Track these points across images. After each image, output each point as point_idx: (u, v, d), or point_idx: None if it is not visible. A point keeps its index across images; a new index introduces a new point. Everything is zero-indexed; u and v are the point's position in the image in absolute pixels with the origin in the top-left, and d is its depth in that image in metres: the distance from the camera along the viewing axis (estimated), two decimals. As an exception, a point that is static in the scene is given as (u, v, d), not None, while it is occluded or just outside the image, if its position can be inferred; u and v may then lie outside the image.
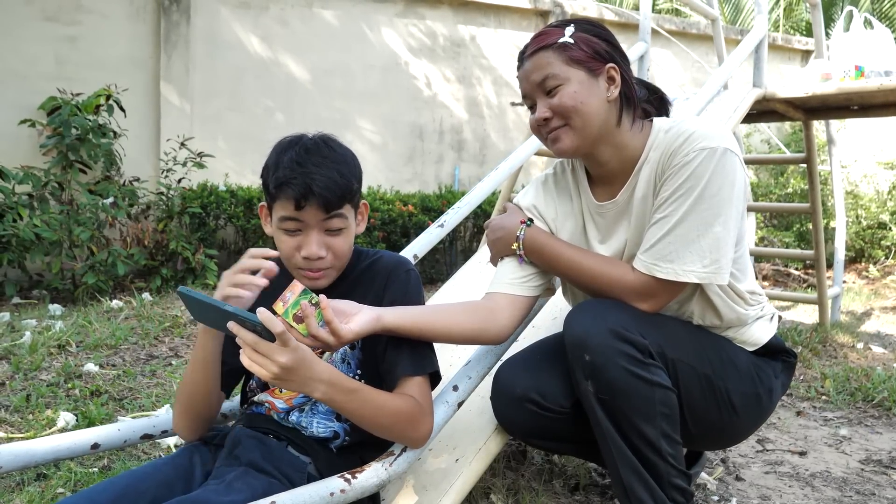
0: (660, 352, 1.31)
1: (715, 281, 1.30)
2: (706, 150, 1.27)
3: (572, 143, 1.34)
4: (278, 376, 1.07)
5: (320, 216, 1.23)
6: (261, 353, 1.06)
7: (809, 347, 3.52)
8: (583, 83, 1.31)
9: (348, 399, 1.16)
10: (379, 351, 1.31)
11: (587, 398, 1.32)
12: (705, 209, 1.27)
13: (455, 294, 2.32)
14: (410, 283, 1.35)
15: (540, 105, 1.35)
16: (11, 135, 4.47)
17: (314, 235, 1.24)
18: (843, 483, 1.97)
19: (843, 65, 3.35)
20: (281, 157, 1.24)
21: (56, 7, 4.69)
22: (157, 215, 4.64)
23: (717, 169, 1.26)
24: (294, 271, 1.29)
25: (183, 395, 1.29)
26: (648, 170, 1.36)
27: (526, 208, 1.53)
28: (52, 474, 1.77)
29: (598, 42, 1.34)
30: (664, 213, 1.30)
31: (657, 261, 1.30)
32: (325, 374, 1.13)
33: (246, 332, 1.06)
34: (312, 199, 1.20)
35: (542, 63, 1.33)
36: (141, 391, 2.41)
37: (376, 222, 4.89)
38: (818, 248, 3.94)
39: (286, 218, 1.23)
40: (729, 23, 9.36)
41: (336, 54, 5.59)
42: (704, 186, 1.26)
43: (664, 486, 1.32)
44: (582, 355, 1.28)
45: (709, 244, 1.27)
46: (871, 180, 6.73)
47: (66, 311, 3.53)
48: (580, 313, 1.33)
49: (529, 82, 1.36)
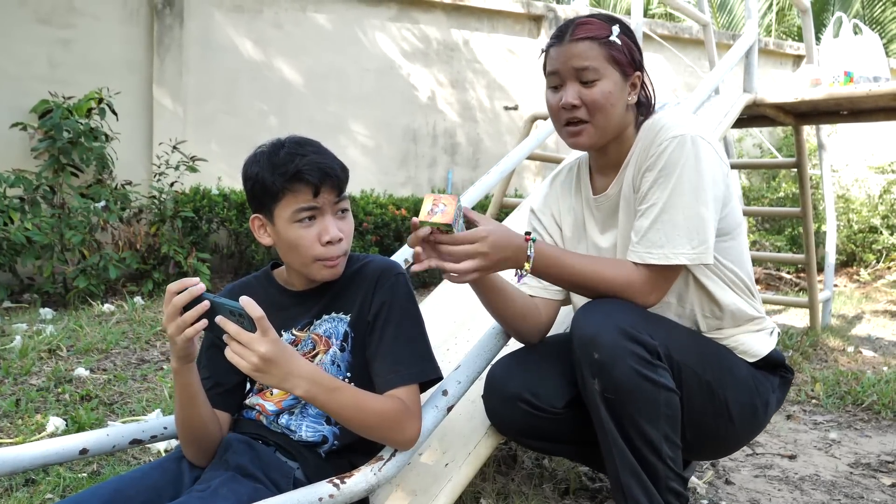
0: (666, 354, 1.32)
1: (703, 261, 1.34)
2: (677, 137, 1.33)
3: (590, 140, 1.41)
4: (258, 367, 1.07)
5: (333, 198, 1.27)
6: (242, 342, 1.06)
7: (800, 351, 3.54)
8: (616, 84, 1.38)
9: (331, 397, 1.16)
10: (369, 354, 1.31)
11: (592, 397, 1.32)
12: (685, 192, 1.31)
13: (448, 297, 2.33)
14: (400, 287, 1.35)
15: (570, 89, 1.38)
16: (3, 138, 4.45)
17: (331, 219, 1.27)
18: (832, 487, 1.98)
19: (833, 70, 3.37)
20: (274, 158, 1.25)
21: (49, 9, 4.68)
22: (150, 219, 4.62)
23: (689, 154, 1.31)
24: (309, 266, 1.28)
25: (183, 431, 1.27)
26: (632, 164, 1.42)
27: (538, 210, 1.61)
28: (42, 479, 1.77)
29: (636, 50, 1.42)
30: (649, 202, 1.35)
31: (649, 248, 1.33)
32: (307, 370, 1.13)
33: (231, 323, 1.07)
34: (328, 182, 1.24)
35: (587, 53, 1.36)
36: (132, 396, 2.40)
37: (369, 226, 4.89)
38: (809, 252, 3.96)
39: (303, 208, 1.25)
40: (722, 28, 9.41)
41: (330, 58, 5.59)
42: (680, 172, 1.31)
43: (661, 490, 1.32)
44: (591, 353, 1.29)
45: (694, 225, 1.32)
46: (862, 184, 6.77)
47: (58, 315, 3.52)
48: (589, 312, 1.34)
49: (567, 65, 1.38)
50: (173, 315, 1.10)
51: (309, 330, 1.35)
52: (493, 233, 1.24)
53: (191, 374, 1.20)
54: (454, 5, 5.96)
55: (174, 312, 1.10)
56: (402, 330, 1.31)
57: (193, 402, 1.23)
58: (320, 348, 1.33)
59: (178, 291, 1.10)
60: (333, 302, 1.35)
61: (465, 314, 2.18)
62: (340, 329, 1.33)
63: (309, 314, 1.36)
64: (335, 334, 1.33)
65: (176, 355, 1.15)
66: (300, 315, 1.36)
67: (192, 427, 1.25)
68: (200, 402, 1.24)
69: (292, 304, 1.37)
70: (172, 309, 1.10)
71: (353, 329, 1.33)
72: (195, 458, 1.29)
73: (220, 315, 1.08)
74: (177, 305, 1.09)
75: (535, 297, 1.51)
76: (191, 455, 1.29)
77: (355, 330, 1.33)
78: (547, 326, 1.53)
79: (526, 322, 1.47)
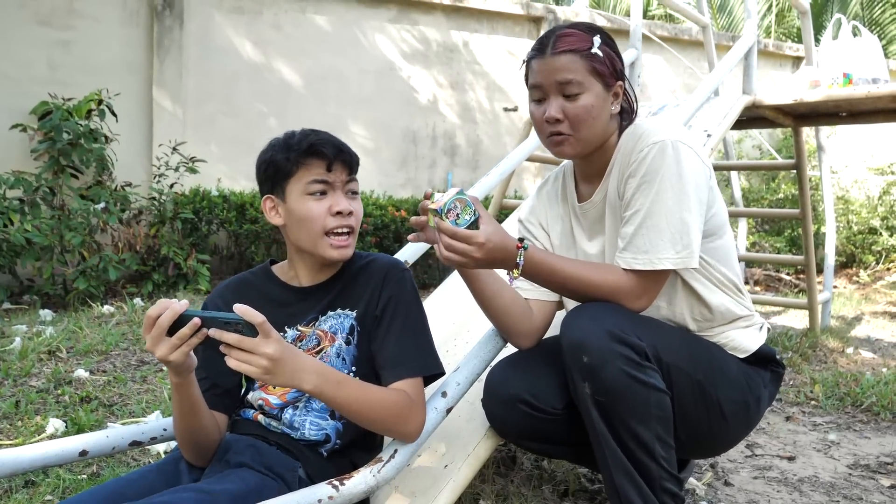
0: (655, 355, 1.33)
1: (688, 265, 1.35)
2: (657, 143, 1.34)
3: (573, 150, 1.43)
4: (268, 369, 1.06)
5: (344, 177, 1.32)
6: (246, 349, 1.05)
7: (799, 352, 3.54)
8: (598, 96, 1.39)
9: (338, 390, 1.16)
10: (374, 347, 1.32)
11: (583, 400, 1.33)
12: (668, 198, 1.32)
13: (447, 299, 2.33)
14: (407, 283, 1.37)
15: (553, 102, 1.39)
16: (3, 139, 4.45)
17: (341, 195, 1.32)
18: (831, 488, 1.98)
19: (832, 72, 3.38)
20: (290, 141, 1.31)
21: (49, 11, 4.68)
22: (150, 220, 4.63)
23: (670, 160, 1.32)
24: (319, 243, 1.31)
25: (182, 438, 1.26)
26: (615, 171, 1.44)
27: (525, 220, 1.62)
28: (41, 481, 1.77)
29: (617, 60, 1.43)
30: (633, 209, 1.36)
31: (635, 254, 1.35)
32: (313, 365, 1.14)
33: (228, 333, 1.05)
34: (340, 157, 1.30)
35: (569, 66, 1.37)
36: (131, 397, 2.41)
37: (369, 227, 4.89)
38: (808, 254, 3.97)
39: (316, 181, 1.29)
40: (722, 29, 9.42)
41: (329, 59, 5.60)
42: (662, 178, 1.32)
43: (656, 490, 1.32)
44: (580, 357, 1.30)
45: (678, 230, 1.33)
46: (861, 186, 6.78)
47: (57, 317, 3.52)
48: (578, 316, 1.35)
49: (550, 78, 1.38)
50: (158, 337, 1.06)
51: (314, 326, 1.36)
52: (490, 241, 1.27)
53: (192, 385, 1.19)
54: (454, 7, 5.97)
55: (160, 334, 1.06)
56: (408, 325, 1.33)
57: (195, 410, 1.22)
58: (325, 343, 1.34)
59: (158, 315, 1.06)
60: (339, 298, 1.37)
61: (464, 316, 2.18)
62: (346, 324, 1.35)
63: (314, 310, 1.37)
64: (341, 329, 1.34)
65: (174, 371, 1.14)
66: (305, 311, 1.37)
67: (192, 434, 1.25)
68: (201, 411, 1.24)
69: (296, 300, 1.38)
70: (158, 331, 1.06)
71: (359, 324, 1.35)
72: (194, 460, 1.30)
73: (213, 328, 1.06)
74: (162, 326, 1.06)
75: (530, 300, 1.52)
76: (191, 456, 1.30)
77: (362, 324, 1.35)
78: (540, 330, 1.54)
79: (514, 320, 1.48)
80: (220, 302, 1.40)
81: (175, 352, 1.07)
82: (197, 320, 1.07)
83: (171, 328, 1.07)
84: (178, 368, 1.13)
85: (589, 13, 6.68)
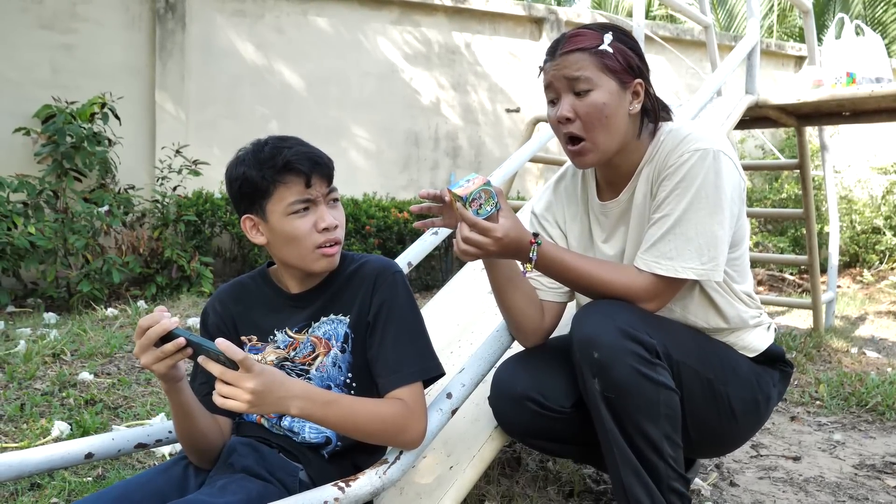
0: (666, 353, 1.32)
1: (712, 278, 1.33)
2: (699, 150, 1.31)
3: (594, 159, 1.39)
4: (251, 402, 1.05)
5: (324, 189, 1.28)
6: (228, 382, 1.05)
7: (804, 352, 3.53)
8: (612, 94, 1.34)
9: (326, 411, 1.15)
10: (370, 355, 1.31)
11: (593, 397, 1.32)
12: (701, 208, 1.30)
13: (451, 301, 2.33)
14: (398, 286, 1.33)
15: (564, 102, 1.36)
16: (6, 143, 4.47)
17: (325, 208, 1.28)
18: (837, 488, 1.98)
19: (835, 71, 3.37)
20: (260, 155, 1.26)
21: (51, 15, 4.70)
22: (153, 223, 4.63)
23: (710, 169, 1.30)
24: (307, 257, 1.28)
25: (184, 442, 1.27)
26: (648, 171, 1.40)
27: (540, 216, 1.59)
28: (47, 484, 1.77)
29: (632, 56, 1.37)
30: (663, 212, 1.34)
31: (658, 258, 1.33)
32: (298, 389, 1.13)
33: (213, 364, 1.06)
34: (318, 171, 1.25)
35: (578, 63, 1.33)
36: (136, 400, 2.41)
37: (372, 229, 4.89)
38: (812, 254, 3.96)
39: (297, 200, 1.25)
40: (723, 29, 9.41)
41: (331, 62, 5.60)
42: (699, 186, 1.30)
43: (663, 489, 1.32)
44: (591, 353, 1.29)
45: (707, 242, 1.31)
46: (865, 185, 6.77)
47: (61, 320, 3.52)
48: (589, 313, 1.34)
49: (559, 78, 1.36)
50: (146, 346, 1.09)
51: (307, 332, 1.34)
52: (508, 235, 1.26)
53: (181, 393, 1.19)
54: (455, 8, 5.97)
55: (147, 344, 1.09)
56: (402, 329, 1.30)
57: (189, 416, 1.23)
58: (320, 350, 1.32)
59: (149, 326, 1.09)
60: (331, 303, 1.35)
61: (468, 318, 2.18)
62: (340, 331, 1.33)
63: (306, 316, 1.35)
64: (335, 336, 1.32)
65: (160, 379, 1.16)
66: (296, 317, 1.35)
67: (192, 438, 1.26)
68: (196, 416, 1.24)
69: (287, 306, 1.36)
70: (146, 341, 1.09)
71: (353, 330, 1.32)
72: (198, 462, 1.30)
73: (201, 355, 1.08)
74: (151, 338, 1.08)
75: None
76: (195, 459, 1.30)
77: (355, 331, 1.32)
78: (548, 329, 1.53)
79: (526, 313, 1.47)
80: (219, 307, 1.39)
81: (159, 363, 1.10)
82: (182, 340, 1.09)
83: (160, 340, 1.10)
84: (164, 377, 1.14)
85: (591, 14, 6.68)
